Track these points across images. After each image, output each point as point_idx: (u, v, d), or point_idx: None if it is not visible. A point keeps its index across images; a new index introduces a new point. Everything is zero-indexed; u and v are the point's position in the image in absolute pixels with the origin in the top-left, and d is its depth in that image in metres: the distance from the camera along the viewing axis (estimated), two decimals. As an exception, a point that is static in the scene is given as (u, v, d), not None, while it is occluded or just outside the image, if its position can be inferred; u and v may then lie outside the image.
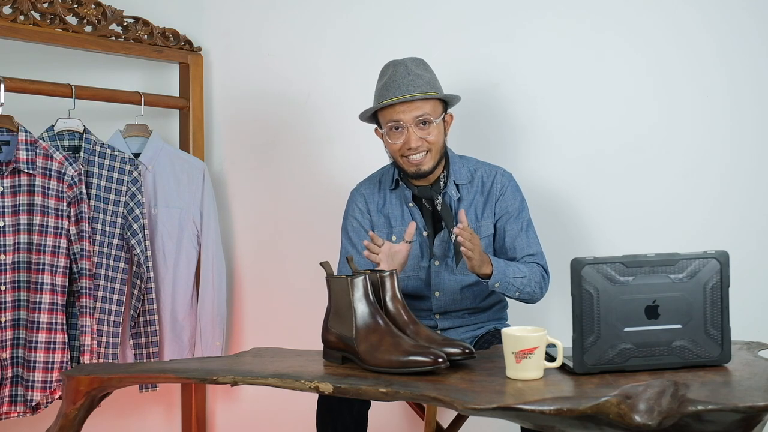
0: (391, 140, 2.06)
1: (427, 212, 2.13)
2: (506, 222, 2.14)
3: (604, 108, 2.44)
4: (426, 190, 2.12)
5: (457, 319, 2.16)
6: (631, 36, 2.41)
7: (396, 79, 2.03)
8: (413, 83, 2.02)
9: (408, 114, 2.02)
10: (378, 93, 2.08)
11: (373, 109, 2.08)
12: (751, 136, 2.30)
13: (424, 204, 2.13)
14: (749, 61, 2.30)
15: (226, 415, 2.95)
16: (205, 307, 2.74)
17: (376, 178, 2.23)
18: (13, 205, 2.31)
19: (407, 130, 2.03)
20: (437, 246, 2.12)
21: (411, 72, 2.04)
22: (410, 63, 2.06)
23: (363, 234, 2.16)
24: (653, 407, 1.27)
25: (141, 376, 1.69)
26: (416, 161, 2.05)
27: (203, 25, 2.93)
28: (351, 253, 2.16)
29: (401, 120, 2.03)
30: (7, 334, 2.30)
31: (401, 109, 2.02)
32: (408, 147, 2.04)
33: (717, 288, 1.52)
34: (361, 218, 2.18)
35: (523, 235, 2.13)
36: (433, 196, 2.11)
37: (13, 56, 2.56)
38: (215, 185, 2.90)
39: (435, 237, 2.12)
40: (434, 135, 2.05)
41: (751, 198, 2.30)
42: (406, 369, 1.54)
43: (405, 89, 2.01)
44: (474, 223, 2.13)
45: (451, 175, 2.14)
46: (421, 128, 2.04)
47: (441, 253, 2.13)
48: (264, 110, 2.90)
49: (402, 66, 2.05)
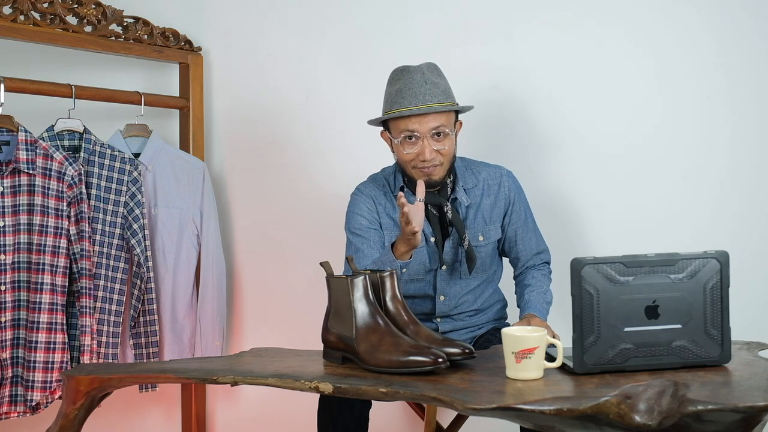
0: (404, 150, 2.00)
1: (434, 218, 2.08)
2: (517, 228, 2.16)
3: (604, 108, 2.44)
4: (433, 196, 2.06)
5: (459, 321, 2.16)
6: (631, 36, 2.41)
7: (413, 87, 1.96)
8: (430, 93, 1.96)
9: (424, 125, 1.96)
10: (391, 99, 2.00)
11: (388, 117, 2.01)
12: (751, 136, 2.30)
13: (431, 210, 2.08)
14: (749, 61, 2.30)
15: (226, 415, 2.95)
16: (205, 307, 2.74)
17: (380, 181, 2.17)
18: (13, 205, 2.31)
19: (422, 141, 1.97)
20: (447, 252, 2.09)
21: (428, 80, 1.97)
22: (426, 70, 2.00)
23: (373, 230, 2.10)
24: (653, 407, 1.27)
25: (141, 376, 1.69)
26: (427, 171, 2.00)
27: (203, 25, 2.93)
28: (361, 249, 2.08)
29: (417, 131, 1.97)
30: (7, 334, 2.30)
31: (417, 120, 1.96)
32: (422, 159, 1.98)
33: (717, 288, 1.52)
34: (369, 216, 2.12)
35: (531, 235, 2.18)
36: (440, 202, 2.07)
37: (13, 56, 2.56)
38: (215, 185, 2.90)
39: (444, 243, 2.09)
40: (448, 146, 2.00)
41: (751, 198, 2.30)
42: (406, 369, 1.54)
43: (422, 99, 1.95)
44: (482, 227, 2.11)
45: (458, 180, 2.11)
46: (436, 140, 1.98)
47: (450, 259, 2.11)
48: (264, 110, 2.89)
49: (419, 73, 1.98)
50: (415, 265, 2.06)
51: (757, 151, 2.30)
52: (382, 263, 1.96)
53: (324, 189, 2.80)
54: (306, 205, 2.84)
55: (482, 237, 2.11)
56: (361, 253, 2.07)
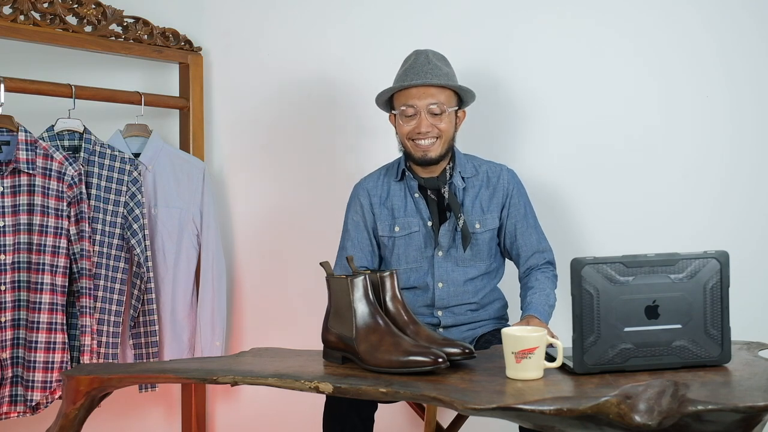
0: (403, 123, 2.12)
1: (432, 202, 2.17)
2: (516, 222, 2.19)
3: (605, 108, 2.44)
4: (432, 180, 2.16)
5: (460, 315, 2.17)
6: (631, 36, 2.41)
7: (416, 67, 2.10)
8: (432, 72, 2.09)
9: (422, 100, 2.09)
10: (398, 77, 2.15)
11: (391, 92, 2.14)
12: (751, 136, 2.30)
13: (429, 195, 2.17)
14: (749, 61, 2.30)
15: (226, 415, 2.95)
16: (205, 307, 2.73)
17: (381, 170, 2.28)
18: (13, 205, 2.31)
19: (420, 114, 2.09)
20: (443, 235, 2.15)
21: (431, 62, 2.11)
22: (432, 54, 2.14)
23: (362, 230, 2.22)
24: (653, 407, 1.27)
25: (141, 376, 1.69)
26: (424, 147, 2.11)
27: (203, 25, 2.93)
28: (348, 247, 2.22)
29: (415, 104, 2.09)
30: (7, 334, 2.30)
31: (416, 93, 2.09)
32: (418, 131, 2.09)
33: (717, 288, 1.53)
34: (361, 215, 2.23)
35: (533, 231, 2.20)
36: (439, 186, 2.16)
37: (13, 56, 2.56)
38: (215, 185, 2.90)
39: (440, 227, 2.16)
40: (445, 123, 2.11)
41: (751, 198, 2.30)
42: (406, 369, 1.54)
43: (423, 76, 2.08)
44: (480, 215, 2.17)
45: (456, 167, 2.18)
46: (433, 115, 2.09)
47: (446, 243, 2.16)
48: (264, 110, 2.89)
49: (423, 55, 2.12)
50: (412, 251, 2.17)
51: (757, 151, 2.30)
52: None
53: (324, 189, 2.80)
54: (306, 205, 2.84)
55: (479, 225, 2.16)
56: (344, 252, 2.23)
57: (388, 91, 2.14)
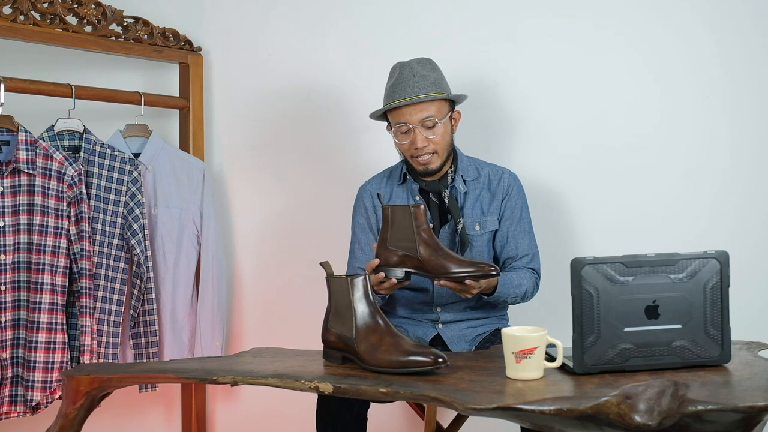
0: (399, 141, 2.13)
1: (433, 205, 2.17)
2: (509, 223, 2.18)
3: (604, 108, 2.44)
4: (434, 184, 2.17)
5: (459, 312, 2.17)
6: (631, 36, 2.41)
7: (402, 81, 2.09)
8: (418, 85, 2.08)
9: (414, 116, 2.08)
10: (386, 94, 2.14)
11: (381, 111, 2.16)
12: (751, 136, 2.30)
13: (431, 197, 2.18)
14: (749, 61, 2.30)
15: (226, 415, 2.95)
16: (205, 307, 2.73)
17: (385, 173, 2.29)
18: (13, 205, 2.31)
19: (414, 131, 2.09)
20: (442, 238, 2.15)
21: (417, 74, 2.09)
22: (416, 64, 2.11)
23: (368, 232, 2.23)
24: (653, 407, 1.27)
25: (141, 376, 1.69)
26: (424, 161, 2.12)
27: (203, 25, 2.93)
28: (356, 249, 2.23)
29: (407, 122, 2.09)
30: (7, 334, 2.30)
31: (407, 111, 2.09)
32: (414, 147, 2.10)
33: (717, 288, 1.53)
34: (366, 217, 2.24)
35: (524, 236, 2.18)
36: (440, 189, 2.16)
37: (13, 56, 2.56)
38: (215, 185, 2.90)
39: (440, 229, 2.15)
40: (440, 135, 2.11)
41: (751, 198, 2.30)
42: (406, 369, 1.54)
43: (410, 91, 2.07)
44: (479, 217, 2.17)
45: (458, 170, 2.19)
46: (426, 129, 2.09)
47: (446, 245, 2.14)
48: (264, 110, 2.89)
49: (407, 68, 2.11)
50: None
51: (757, 151, 2.30)
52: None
53: (324, 189, 2.80)
54: (306, 205, 2.84)
55: (479, 227, 2.16)
56: (353, 255, 2.23)
57: (380, 111, 2.16)
